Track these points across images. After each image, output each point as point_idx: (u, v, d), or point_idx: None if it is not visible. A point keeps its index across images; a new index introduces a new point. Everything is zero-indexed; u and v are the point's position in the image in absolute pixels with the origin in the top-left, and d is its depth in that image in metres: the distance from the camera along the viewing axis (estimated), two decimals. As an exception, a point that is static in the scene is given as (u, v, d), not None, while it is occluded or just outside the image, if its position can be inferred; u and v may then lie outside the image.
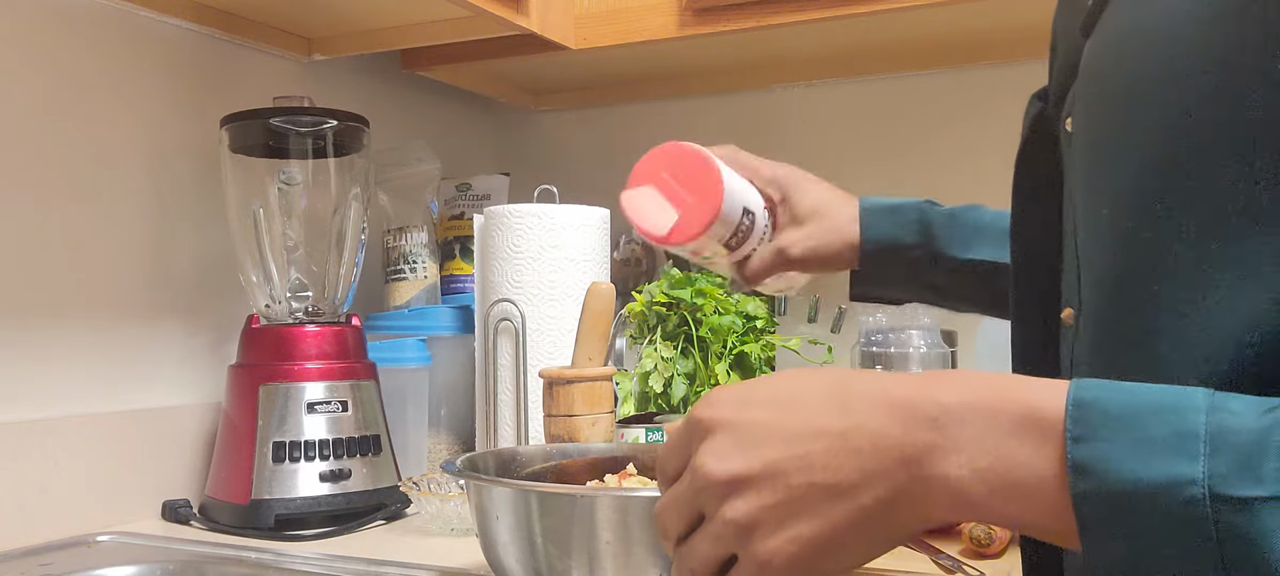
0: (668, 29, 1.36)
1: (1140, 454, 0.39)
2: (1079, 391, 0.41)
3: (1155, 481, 0.39)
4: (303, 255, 1.23)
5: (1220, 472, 0.38)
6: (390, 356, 1.28)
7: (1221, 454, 0.39)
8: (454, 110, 1.73)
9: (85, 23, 1.15)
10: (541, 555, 0.73)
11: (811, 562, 0.45)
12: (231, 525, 1.11)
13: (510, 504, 0.74)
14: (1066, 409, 0.41)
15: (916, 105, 1.56)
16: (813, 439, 0.45)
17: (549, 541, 0.72)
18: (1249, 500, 0.38)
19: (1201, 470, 0.38)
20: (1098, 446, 0.40)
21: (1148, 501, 0.39)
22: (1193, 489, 0.38)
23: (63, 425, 1.09)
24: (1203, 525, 0.38)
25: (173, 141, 1.24)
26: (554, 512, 0.72)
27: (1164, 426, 0.40)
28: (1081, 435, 0.41)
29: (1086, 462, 0.40)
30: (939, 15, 1.32)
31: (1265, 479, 0.38)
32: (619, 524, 0.71)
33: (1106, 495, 0.40)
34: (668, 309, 1.24)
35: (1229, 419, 0.39)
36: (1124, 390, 0.41)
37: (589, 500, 0.72)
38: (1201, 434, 0.39)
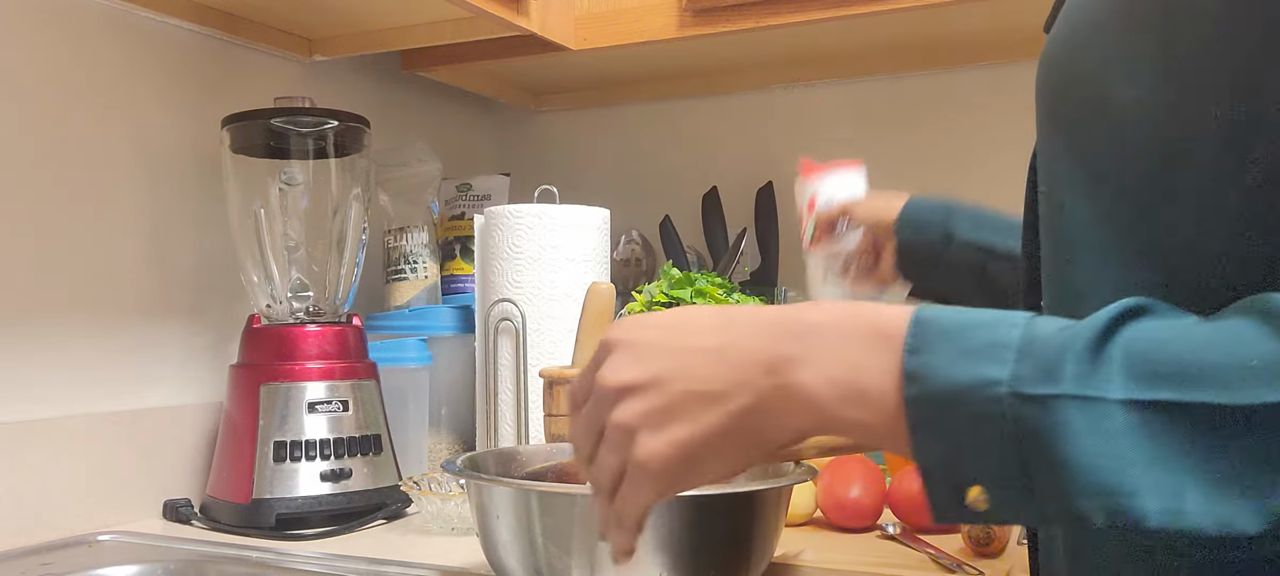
0: (668, 29, 1.37)
1: (959, 361, 0.45)
2: (921, 312, 0.47)
3: (968, 382, 0.44)
4: (304, 255, 1.23)
5: (1022, 374, 0.43)
6: (391, 356, 1.29)
7: (1026, 359, 0.44)
8: (454, 110, 1.74)
9: (86, 23, 1.15)
10: (542, 554, 0.73)
11: (687, 464, 0.51)
12: (232, 524, 1.11)
13: (511, 503, 0.74)
14: (908, 325, 0.46)
15: (916, 105, 1.56)
16: (694, 353, 0.51)
17: (549, 540, 0.73)
18: (1045, 397, 0.43)
19: (1007, 372, 0.43)
20: (926, 356, 0.45)
21: (961, 401, 0.44)
22: (998, 388, 0.43)
23: (64, 424, 1.09)
24: (1004, 421, 0.43)
25: (174, 142, 1.24)
26: (554, 512, 0.73)
27: (983, 338, 0.45)
28: (916, 347, 0.46)
29: (916, 370, 0.45)
30: (939, 15, 1.32)
31: (1060, 379, 0.42)
32: None
33: (929, 398, 0.45)
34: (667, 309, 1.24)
35: (1039, 330, 0.44)
36: (962, 311, 0.47)
37: (589, 499, 0.72)
38: (1013, 343, 0.44)
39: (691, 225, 1.60)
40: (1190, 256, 0.48)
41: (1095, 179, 0.52)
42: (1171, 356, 0.42)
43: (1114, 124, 0.51)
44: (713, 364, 0.50)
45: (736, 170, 1.64)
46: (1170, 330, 0.44)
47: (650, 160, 1.73)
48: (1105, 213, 0.51)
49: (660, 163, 1.72)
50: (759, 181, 1.58)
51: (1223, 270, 0.47)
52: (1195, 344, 0.42)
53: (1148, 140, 0.49)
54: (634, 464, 0.51)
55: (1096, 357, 0.43)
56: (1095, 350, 0.43)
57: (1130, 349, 0.43)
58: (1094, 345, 0.43)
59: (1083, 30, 0.54)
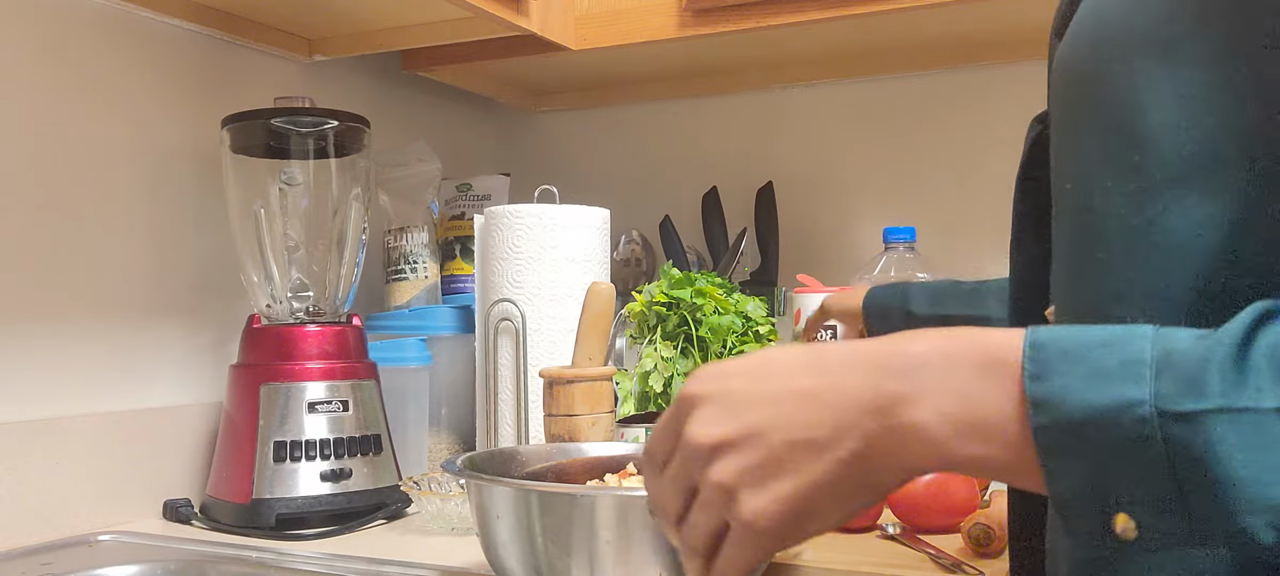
0: (668, 29, 1.37)
1: (1092, 383, 0.42)
2: (1035, 334, 0.44)
3: (1107, 405, 0.41)
4: (304, 255, 1.23)
5: (1165, 392, 0.41)
6: (391, 356, 1.29)
7: (1165, 375, 0.41)
8: (454, 111, 1.74)
9: (85, 23, 1.15)
10: (542, 554, 0.73)
11: (796, 520, 0.47)
12: (232, 524, 1.11)
13: (510, 503, 0.74)
14: (1023, 350, 0.44)
15: (916, 105, 1.56)
16: (789, 399, 0.47)
17: (549, 540, 0.73)
18: (1193, 414, 0.40)
19: (1148, 391, 0.41)
20: (1053, 381, 0.43)
21: (1101, 424, 0.42)
22: (1141, 409, 0.41)
23: (64, 425, 1.09)
24: (1153, 441, 0.41)
25: (174, 142, 1.24)
26: (554, 511, 0.73)
27: (1113, 356, 0.42)
28: (1038, 372, 0.43)
29: (1044, 397, 0.43)
30: (939, 15, 1.32)
31: (1207, 393, 0.40)
32: (619, 523, 0.71)
33: (1063, 424, 0.42)
34: (668, 309, 1.24)
35: (1173, 343, 0.42)
36: (1076, 329, 0.44)
37: (589, 499, 0.72)
38: (1147, 359, 0.42)
39: (691, 225, 1.60)
40: (1226, 258, 0.47)
41: (1130, 178, 0.51)
42: None
43: (1151, 123, 0.50)
44: (812, 409, 0.47)
45: (736, 170, 1.64)
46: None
47: (650, 160, 1.73)
48: (1140, 212, 0.51)
49: (660, 163, 1.72)
50: (759, 181, 1.58)
51: (1260, 272, 0.46)
52: None
53: (1186, 139, 0.48)
54: (739, 524, 0.48)
55: (1242, 366, 0.41)
56: (1239, 358, 0.41)
57: (1276, 353, 0.41)
58: (1237, 353, 0.41)
59: (1110, 29, 0.53)
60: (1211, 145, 0.47)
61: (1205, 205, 0.47)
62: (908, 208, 1.55)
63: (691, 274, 1.27)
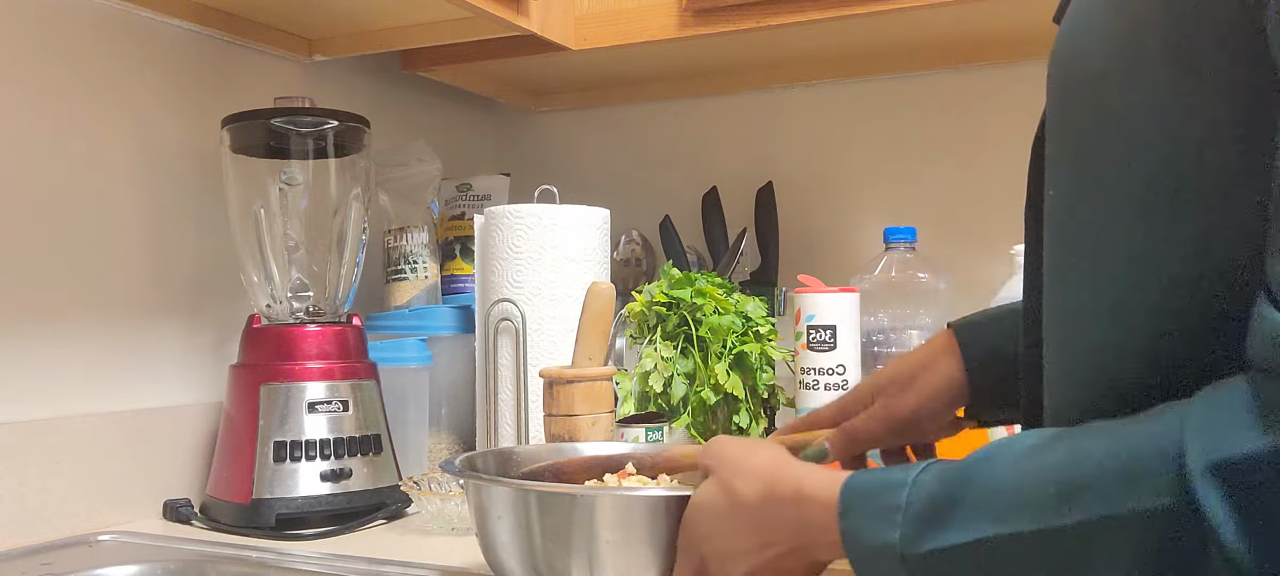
0: (668, 29, 1.37)
1: (870, 524, 0.55)
2: (849, 477, 0.58)
3: (877, 545, 0.54)
4: (304, 255, 1.23)
5: (908, 535, 0.53)
6: (391, 356, 1.29)
7: (909, 521, 0.53)
8: (454, 111, 1.74)
9: (85, 23, 1.15)
10: (541, 554, 0.73)
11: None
12: (232, 524, 1.11)
13: (510, 503, 0.74)
14: (839, 490, 0.58)
15: (916, 105, 1.56)
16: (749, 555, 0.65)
17: (549, 540, 0.72)
18: (923, 554, 0.52)
19: (897, 535, 0.53)
20: (851, 519, 0.56)
21: (876, 562, 0.54)
22: (892, 552, 0.53)
23: (64, 425, 1.09)
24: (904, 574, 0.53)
25: (174, 142, 1.24)
26: (554, 511, 0.72)
27: (883, 500, 0.55)
28: (844, 509, 0.57)
29: (846, 530, 0.57)
30: (939, 15, 1.32)
31: (930, 535, 0.52)
32: (619, 523, 0.71)
33: (859, 558, 0.56)
34: (668, 309, 1.24)
35: (920, 488, 0.53)
36: (876, 471, 0.57)
37: (589, 499, 0.72)
38: (901, 504, 0.54)
39: (691, 225, 1.60)
40: (1193, 267, 0.48)
41: (1099, 182, 0.52)
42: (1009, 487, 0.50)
43: (1118, 124, 0.51)
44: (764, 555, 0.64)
45: (736, 170, 1.64)
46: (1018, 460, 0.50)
47: (650, 160, 1.73)
48: (1109, 225, 0.52)
49: (660, 163, 1.72)
50: (759, 181, 1.58)
51: (1226, 283, 0.47)
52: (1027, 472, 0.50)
53: (1152, 143, 0.49)
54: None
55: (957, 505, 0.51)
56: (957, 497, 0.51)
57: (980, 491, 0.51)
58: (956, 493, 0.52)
59: (1085, 26, 0.54)
60: (1179, 163, 0.48)
61: (1177, 213, 0.48)
62: (908, 208, 1.55)
63: (691, 274, 1.27)
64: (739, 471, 0.65)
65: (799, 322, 1.23)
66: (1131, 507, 0.44)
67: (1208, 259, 0.48)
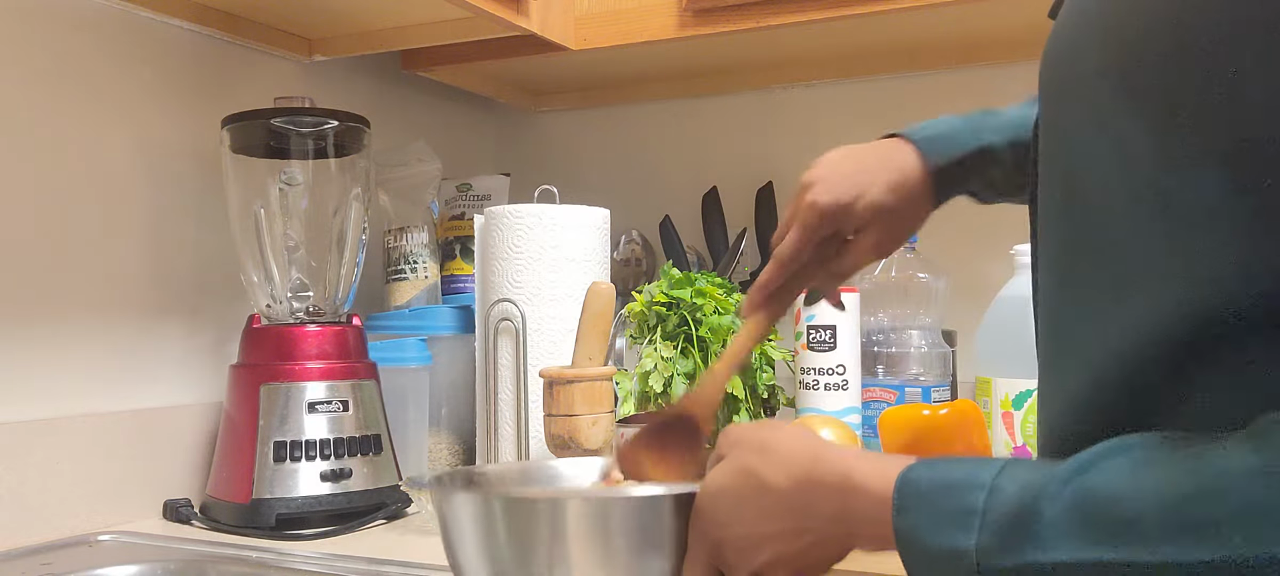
0: (668, 29, 1.37)
1: (936, 526, 0.50)
2: (906, 470, 0.53)
3: (944, 550, 0.50)
4: (304, 255, 1.23)
5: (986, 545, 0.48)
6: (391, 356, 1.29)
7: (988, 528, 0.48)
8: (454, 111, 1.74)
9: (85, 23, 1.15)
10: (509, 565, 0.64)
11: None
12: (232, 524, 1.11)
13: (472, 515, 0.66)
14: (895, 485, 0.53)
15: (916, 105, 1.56)
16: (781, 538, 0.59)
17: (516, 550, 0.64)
18: (1007, 568, 0.48)
19: (973, 542, 0.49)
20: (908, 517, 0.52)
21: (943, 567, 0.50)
22: (967, 559, 0.49)
23: (64, 425, 1.09)
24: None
25: (174, 142, 1.24)
26: (520, 519, 0.64)
27: (953, 502, 0.50)
28: (901, 506, 0.52)
29: (902, 531, 0.52)
30: (939, 15, 1.32)
31: (1018, 547, 0.47)
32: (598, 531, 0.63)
33: (917, 559, 0.51)
34: (668, 309, 1.24)
35: (1001, 493, 0.49)
36: (941, 465, 0.52)
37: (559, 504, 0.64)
38: (978, 509, 0.49)
39: (691, 225, 1.60)
40: (1167, 289, 0.48)
41: (1089, 189, 0.52)
42: (1111, 510, 0.46)
43: (1111, 130, 0.50)
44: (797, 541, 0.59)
45: (736, 170, 1.64)
46: (1124, 477, 0.46)
47: (650, 160, 1.73)
48: (1079, 240, 0.52)
49: (660, 163, 1.72)
50: (759, 181, 1.58)
51: (1216, 298, 0.47)
52: (1141, 494, 0.45)
53: (1133, 172, 0.49)
54: None
55: (1050, 519, 0.47)
56: (1050, 509, 0.47)
57: (1081, 505, 0.46)
58: (1049, 504, 0.47)
59: (1082, 23, 0.53)
60: (1147, 181, 0.48)
61: (1153, 239, 0.49)
62: (908, 207, 1.54)
63: (691, 274, 1.27)
64: (766, 454, 0.60)
65: (799, 322, 1.23)
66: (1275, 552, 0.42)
67: (1196, 275, 0.47)
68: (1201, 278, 0.47)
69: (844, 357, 1.21)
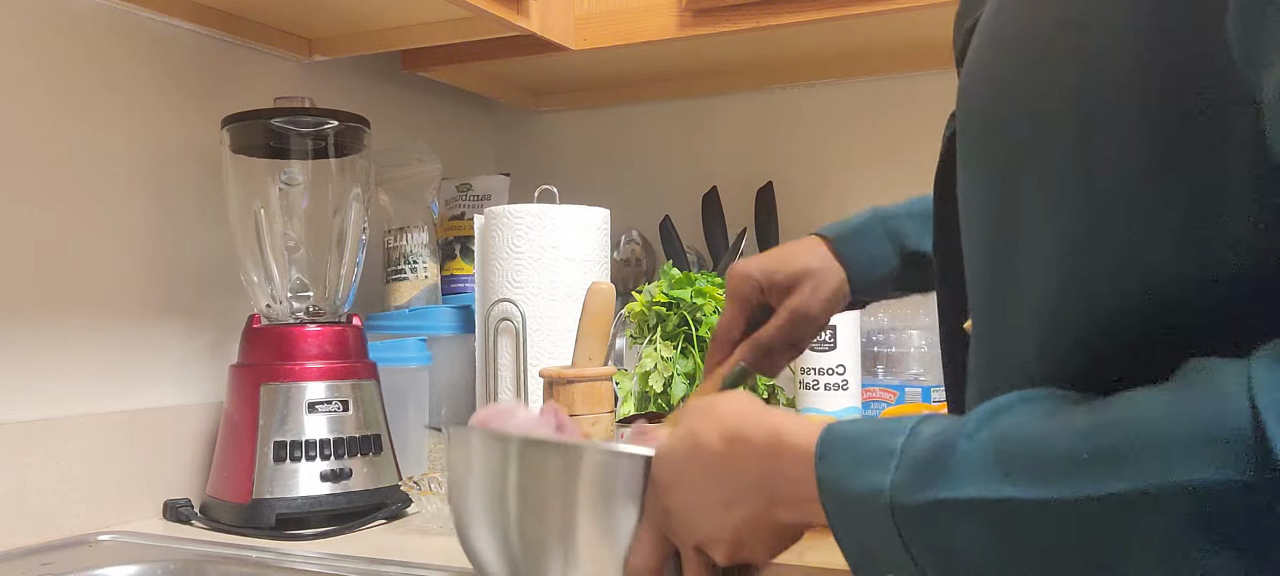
0: (668, 29, 1.37)
1: (856, 469, 0.50)
2: (831, 424, 0.53)
3: (862, 491, 0.50)
4: (304, 255, 1.23)
5: (900, 482, 0.48)
6: (391, 356, 1.29)
7: (903, 467, 0.48)
8: (454, 111, 1.74)
9: (85, 23, 1.15)
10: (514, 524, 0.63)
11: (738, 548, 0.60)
12: (232, 524, 1.11)
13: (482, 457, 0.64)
14: (819, 435, 0.53)
15: (916, 105, 1.56)
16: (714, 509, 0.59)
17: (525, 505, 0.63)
18: (918, 504, 0.47)
19: (888, 481, 0.49)
20: (830, 463, 0.52)
21: (859, 508, 0.50)
22: (881, 497, 0.49)
23: (64, 425, 1.09)
24: (891, 526, 0.48)
25: (173, 142, 1.24)
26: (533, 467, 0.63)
27: (873, 445, 0.50)
28: (822, 454, 0.52)
29: (823, 477, 0.52)
30: (939, 15, 1.32)
31: (932, 484, 0.47)
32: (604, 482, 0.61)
33: (838, 502, 0.51)
34: (667, 309, 1.24)
35: (919, 435, 0.49)
36: (863, 420, 0.53)
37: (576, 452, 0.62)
38: (896, 449, 0.49)
39: (691, 225, 1.60)
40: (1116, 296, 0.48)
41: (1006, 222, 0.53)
42: (1024, 449, 0.46)
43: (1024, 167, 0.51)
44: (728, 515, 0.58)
45: (736, 170, 1.64)
46: (1035, 419, 0.47)
47: (650, 160, 1.73)
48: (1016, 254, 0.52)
49: (660, 163, 1.72)
50: (759, 181, 1.58)
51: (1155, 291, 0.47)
52: (1048, 434, 0.45)
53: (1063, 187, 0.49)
54: None
55: (962, 457, 0.47)
56: (962, 449, 0.47)
57: (991, 445, 0.47)
58: (962, 444, 0.47)
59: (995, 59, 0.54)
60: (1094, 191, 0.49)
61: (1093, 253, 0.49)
62: (908, 208, 1.54)
63: (691, 274, 1.27)
64: (705, 415, 0.60)
65: None
66: (1190, 479, 0.41)
67: (1136, 268, 0.47)
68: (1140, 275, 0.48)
69: (844, 357, 1.21)
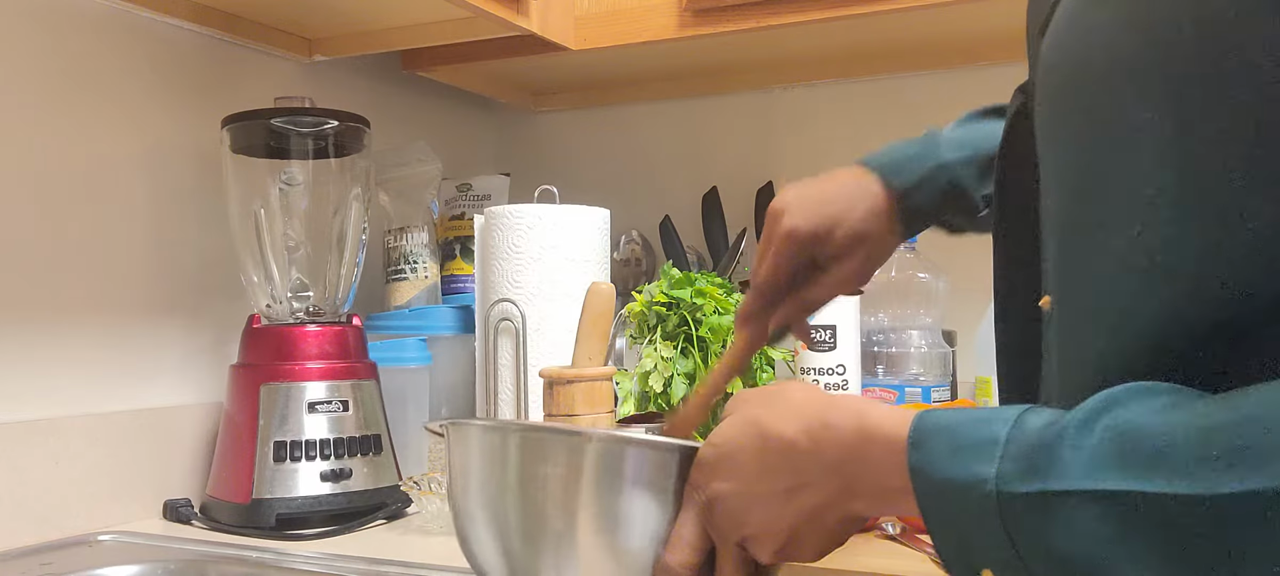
0: (668, 29, 1.37)
1: (955, 457, 0.48)
2: (922, 413, 0.51)
3: (963, 479, 0.48)
4: (304, 255, 1.23)
5: (1006, 472, 0.46)
6: (391, 356, 1.29)
7: (1011, 456, 0.46)
8: (454, 111, 1.74)
9: (85, 23, 1.15)
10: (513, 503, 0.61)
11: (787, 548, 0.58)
12: (233, 524, 1.11)
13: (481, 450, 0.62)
14: (911, 421, 0.51)
15: (916, 105, 1.56)
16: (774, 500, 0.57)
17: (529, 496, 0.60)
18: (1026, 494, 0.45)
19: (994, 470, 0.46)
20: (924, 451, 0.50)
21: (959, 497, 0.48)
22: (986, 486, 0.46)
23: (65, 425, 1.09)
24: (995, 516, 0.46)
25: (174, 142, 1.24)
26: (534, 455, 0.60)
27: (975, 434, 0.48)
28: (916, 441, 0.50)
29: (917, 465, 0.50)
30: (939, 15, 1.32)
31: (1042, 475, 0.45)
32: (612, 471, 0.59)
33: (933, 491, 0.49)
34: (667, 309, 1.24)
35: (1028, 424, 0.47)
36: (960, 410, 0.51)
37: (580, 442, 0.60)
38: (1001, 438, 0.47)
39: (691, 225, 1.60)
40: (1196, 281, 0.48)
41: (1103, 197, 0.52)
42: (1144, 443, 0.43)
43: (1126, 142, 0.50)
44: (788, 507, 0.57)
45: (736, 170, 1.64)
46: (1154, 414, 0.44)
47: (650, 160, 1.73)
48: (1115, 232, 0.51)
49: (660, 163, 1.72)
50: (759, 181, 1.58)
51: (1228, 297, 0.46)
52: (1172, 428, 0.43)
53: (1160, 161, 0.49)
54: None
55: (1076, 449, 0.45)
56: (1075, 441, 0.45)
57: (1109, 438, 0.44)
58: (1075, 436, 0.45)
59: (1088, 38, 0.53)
60: (1183, 167, 0.48)
61: (1180, 226, 0.48)
62: (908, 208, 1.54)
63: (691, 274, 1.27)
64: (773, 404, 0.57)
65: None
66: None
67: (1218, 261, 0.47)
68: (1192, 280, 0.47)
69: (844, 357, 1.21)
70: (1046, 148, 0.58)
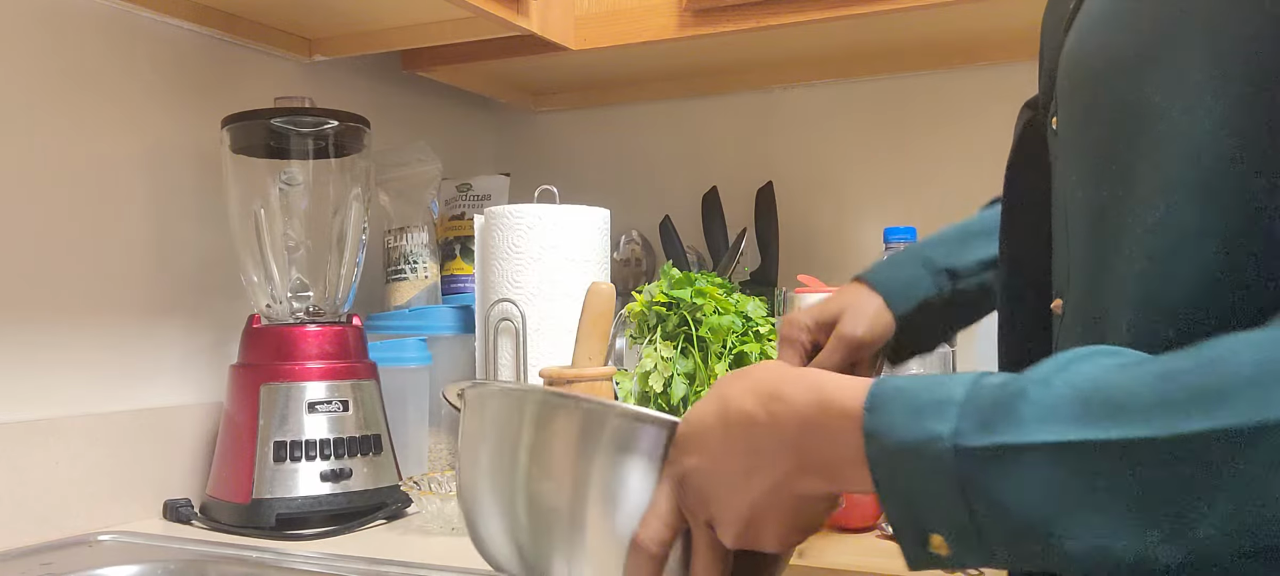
0: (667, 30, 1.37)
1: (910, 419, 0.47)
2: (881, 380, 0.50)
3: (918, 438, 0.46)
4: (304, 255, 1.23)
5: (964, 428, 0.45)
6: (391, 356, 1.29)
7: (968, 414, 0.45)
8: (454, 111, 1.74)
9: (85, 23, 1.15)
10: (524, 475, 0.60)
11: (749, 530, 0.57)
12: (232, 524, 1.11)
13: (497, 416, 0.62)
14: (868, 389, 0.50)
15: (916, 105, 1.56)
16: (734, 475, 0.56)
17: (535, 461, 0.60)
18: (982, 448, 0.44)
19: (949, 428, 0.45)
20: (881, 415, 0.48)
21: (913, 456, 0.47)
22: (942, 443, 0.45)
23: (64, 425, 1.09)
24: (949, 474, 0.45)
25: (174, 142, 1.24)
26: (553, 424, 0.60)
27: (933, 393, 0.47)
28: (872, 406, 0.49)
29: (872, 428, 0.48)
30: (939, 15, 1.32)
31: (998, 429, 0.44)
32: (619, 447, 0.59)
33: (884, 454, 0.48)
34: (668, 309, 1.24)
35: (984, 385, 0.46)
36: (918, 376, 0.50)
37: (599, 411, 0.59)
38: (958, 399, 0.46)
39: (691, 225, 1.60)
40: (1221, 270, 0.48)
41: (1130, 184, 0.52)
42: (1103, 394, 0.43)
43: (1155, 131, 0.50)
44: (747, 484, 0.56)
45: (736, 170, 1.64)
46: (1116, 370, 0.44)
47: (650, 160, 1.73)
48: (1138, 219, 0.51)
49: (660, 163, 1.72)
50: (759, 181, 1.58)
51: (1253, 286, 0.47)
52: (1133, 380, 0.43)
53: (1189, 148, 0.49)
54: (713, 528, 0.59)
55: (1032, 404, 0.44)
56: (1034, 397, 0.44)
57: (1068, 392, 0.44)
58: (1034, 392, 0.45)
59: (1117, 31, 0.53)
60: (1214, 157, 0.48)
61: (1204, 215, 0.48)
62: (908, 208, 1.55)
63: (691, 274, 1.26)
64: (738, 378, 0.57)
65: None
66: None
67: (1243, 251, 0.47)
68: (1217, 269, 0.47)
69: None
70: (1073, 145, 0.57)
